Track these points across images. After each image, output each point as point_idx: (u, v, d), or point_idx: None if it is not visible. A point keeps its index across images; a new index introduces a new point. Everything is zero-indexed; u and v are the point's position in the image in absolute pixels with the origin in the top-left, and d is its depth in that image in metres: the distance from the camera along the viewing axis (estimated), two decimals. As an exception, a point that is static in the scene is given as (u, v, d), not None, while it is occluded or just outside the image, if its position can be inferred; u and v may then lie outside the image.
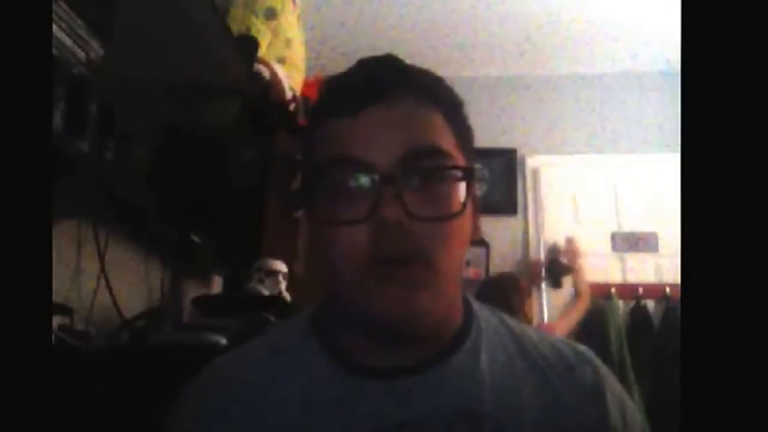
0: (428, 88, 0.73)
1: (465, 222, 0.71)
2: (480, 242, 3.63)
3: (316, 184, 0.71)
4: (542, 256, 3.81)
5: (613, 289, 3.63)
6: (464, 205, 0.69)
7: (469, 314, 0.79)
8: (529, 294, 3.11)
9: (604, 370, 0.78)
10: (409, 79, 0.72)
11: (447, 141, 0.71)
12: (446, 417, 0.68)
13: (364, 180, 0.67)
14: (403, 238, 0.65)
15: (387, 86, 0.70)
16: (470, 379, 0.71)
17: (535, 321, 3.48)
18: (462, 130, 0.74)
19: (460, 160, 0.71)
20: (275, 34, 2.70)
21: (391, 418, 0.68)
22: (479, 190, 3.73)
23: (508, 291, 2.89)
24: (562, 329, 3.23)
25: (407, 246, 0.65)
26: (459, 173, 0.70)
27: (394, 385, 0.70)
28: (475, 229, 0.75)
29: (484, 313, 0.81)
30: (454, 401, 0.69)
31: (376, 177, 0.66)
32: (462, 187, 0.70)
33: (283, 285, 2.37)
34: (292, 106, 2.80)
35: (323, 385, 0.72)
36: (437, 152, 0.69)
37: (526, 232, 3.90)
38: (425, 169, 0.68)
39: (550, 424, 0.70)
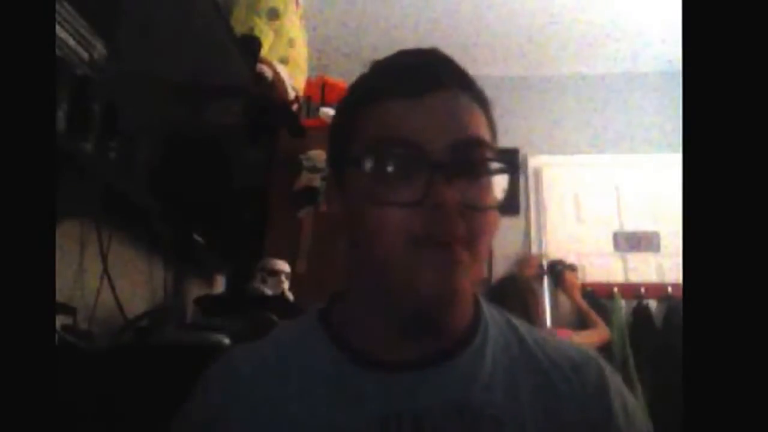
0: (471, 84, 0.75)
1: (496, 214, 0.73)
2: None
3: (361, 162, 0.70)
4: (543, 255, 3.80)
5: (615, 289, 3.63)
6: (504, 197, 0.71)
7: (478, 311, 0.79)
8: (537, 294, 3.12)
9: (609, 370, 0.78)
10: (459, 72, 0.75)
11: (487, 135, 0.73)
12: (446, 412, 0.68)
13: (416, 164, 0.68)
14: (453, 222, 0.66)
15: (445, 76, 0.72)
16: (474, 378, 0.72)
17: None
18: (493, 127, 0.77)
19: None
20: (278, 34, 2.70)
21: (391, 412, 0.68)
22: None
23: (522, 292, 2.89)
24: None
25: (455, 230, 0.67)
26: (500, 166, 0.72)
27: (398, 379, 0.71)
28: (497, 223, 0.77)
29: (491, 311, 0.81)
30: (456, 398, 0.70)
31: (429, 162, 0.67)
32: (502, 180, 0.72)
33: (286, 284, 2.38)
34: (294, 106, 2.81)
35: (329, 378, 0.73)
36: (483, 145, 0.71)
37: (528, 232, 3.89)
38: (473, 158, 0.70)
39: (552, 424, 0.70)
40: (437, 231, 0.66)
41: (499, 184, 0.71)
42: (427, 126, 0.69)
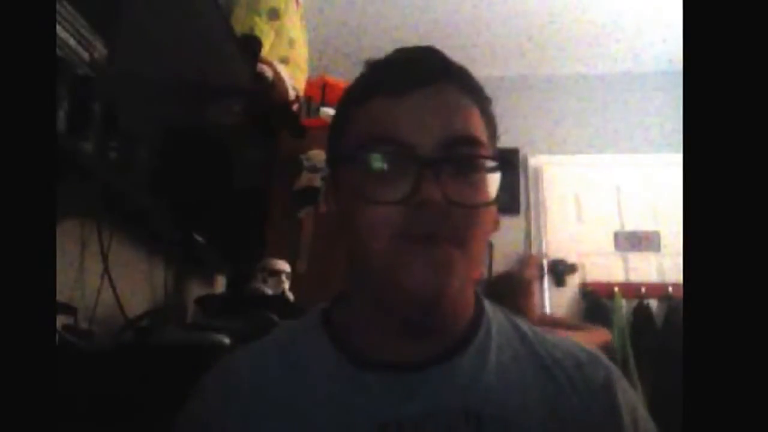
0: (468, 81, 0.75)
1: (492, 212, 0.73)
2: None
3: (352, 162, 0.71)
4: (544, 255, 3.80)
5: (616, 289, 3.64)
6: (496, 195, 0.71)
7: (479, 310, 0.79)
8: (533, 294, 3.11)
9: (617, 372, 0.78)
10: (453, 69, 0.75)
11: (482, 133, 0.73)
12: (449, 416, 0.68)
13: (405, 161, 0.68)
14: (440, 219, 0.66)
15: (434, 73, 0.72)
16: (476, 379, 0.71)
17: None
18: (491, 124, 0.77)
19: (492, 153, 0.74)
20: (278, 34, 2.71)
21: (392, 414, 0.68)
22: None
23: (515, 291, 2.88)
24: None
25: (443, 227, 0.66)
26: (493, 164, 0.72)
27: (399, 380, 0.70)
28: (495, 221, 0.76)
29: (492, 310, 0.81)
30: (459, 400, 0.69)
31: (417, 159, 0.67)
32: (495, 178, 0.71)
33: (286, 284, 2.38)
34: (295, 106, 2.81)
35: (328, 379, 0.72)
36: (475, 142, 0.71)
37: (528, 232, 3.90)
38: (464, 156, 0.70)
39: (557, 424, 0.70)
40: (422, 228, 0.66)
41: (493, 181, 0.71)
42: (416, 123, 0.69)
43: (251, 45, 2.54)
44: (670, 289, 3.58)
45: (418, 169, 0.67)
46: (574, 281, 3.76)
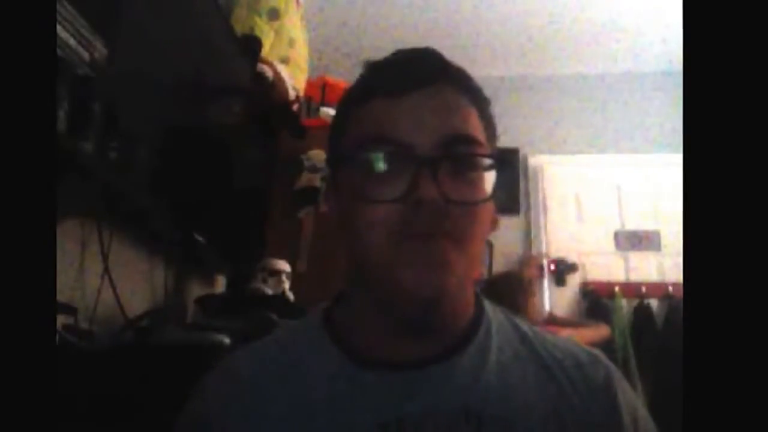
0: (466, 82, 0.76)
1: (490, 211, 0.74)
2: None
3: (351, 162, 0.72)
4: (544, 255, 3.80)
5: (616, 288, 3.63)
6: (493, 193, 0.71)
7: (479, 310, 0.79)
8: (534, 294, 3.10)
9: (618, 372, 0.78)
10: (451, 70, 0.75)
11: (480, 133, 0.74)
12: (449, 415, 0.68)
13: (403, 161, 0.68)
14: (438, 217, 0.67)
15: (431, 74, 0.73)
16: (476, 379, 0.71)
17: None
18: (490, 125, 0.77)
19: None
20: (278, 34, 2.71)
21: (393, 413, 0.68)
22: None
23: (514, 290, 2.88)
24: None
25: (441, 225, 0.67)
26: (490, 162, 0.72)
27: (399, 379, 0.71)
28: (494, 220, 0.77)
29: (492, 310, 0.81)
30: (459, 400, 0.69)
31: (415, 159, 0.68)
32: (491, 176, 0.72)
33: (287, 284, 2.38)
34: (295, 107, 2.81)
35: (329, 378, 0.72)
36: (472, 141, 0.72)
37: (528, 232, 3.90)
38: (461, 155, 0.70)
39: (558, 423, 0.70)
40: (420, 227, 0.67)
41: (490, 179, 0.72)
42: (414, 123, 0.70)
43: (251, 45, 2.54)
44: (671, 288, 3.58)
45: (415, 168, 0.67)
46: (574, 281, 3.76)
